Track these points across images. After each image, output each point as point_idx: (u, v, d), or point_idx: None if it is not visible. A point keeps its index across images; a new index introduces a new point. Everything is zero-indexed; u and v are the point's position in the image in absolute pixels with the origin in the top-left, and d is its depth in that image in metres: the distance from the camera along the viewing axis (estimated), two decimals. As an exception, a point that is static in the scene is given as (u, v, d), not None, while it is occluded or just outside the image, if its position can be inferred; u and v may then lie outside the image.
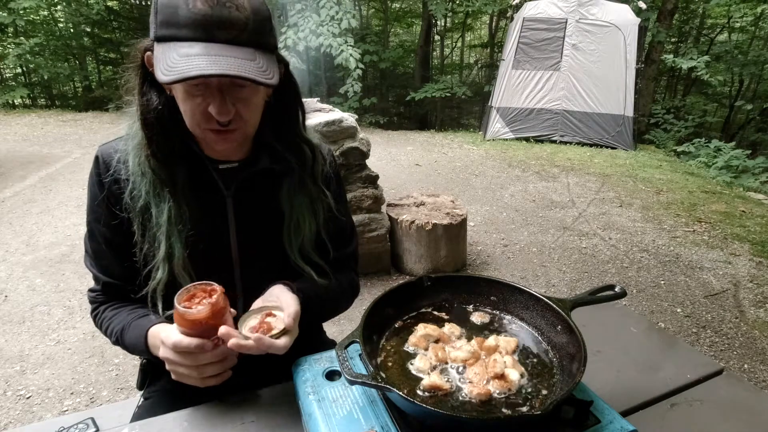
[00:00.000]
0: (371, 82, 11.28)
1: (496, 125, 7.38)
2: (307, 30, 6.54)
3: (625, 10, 6.66)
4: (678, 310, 2.88)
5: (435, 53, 12.43)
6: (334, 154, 1.07)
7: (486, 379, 0.71)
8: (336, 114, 2.86)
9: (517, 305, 0.87)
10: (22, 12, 8.81)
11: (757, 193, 5.33)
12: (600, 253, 3.60)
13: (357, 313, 0.98)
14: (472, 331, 0.83)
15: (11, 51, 9.30)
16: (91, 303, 0.96)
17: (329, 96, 8.75)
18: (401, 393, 0.60)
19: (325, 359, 0.81)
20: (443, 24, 12.20)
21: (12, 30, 9.72)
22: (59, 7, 10.18)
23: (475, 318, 0.87)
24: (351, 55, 6.64)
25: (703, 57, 8.43)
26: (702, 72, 8.21)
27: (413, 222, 3.00)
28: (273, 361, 0.86)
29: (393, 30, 12.62)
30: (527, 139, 7.25)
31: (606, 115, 6.86)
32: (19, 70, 10.36)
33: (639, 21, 6.60)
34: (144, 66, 0.80)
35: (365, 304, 0.81)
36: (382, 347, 0.79)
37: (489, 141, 7.36)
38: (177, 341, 0.73)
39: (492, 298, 0.90)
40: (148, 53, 0.78)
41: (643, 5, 7.38)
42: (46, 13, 10.11)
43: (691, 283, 3.17)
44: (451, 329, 0.82)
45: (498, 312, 0.89)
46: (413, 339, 0.79)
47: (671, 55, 8.87)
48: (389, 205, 3.26)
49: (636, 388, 0.85)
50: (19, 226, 3.91)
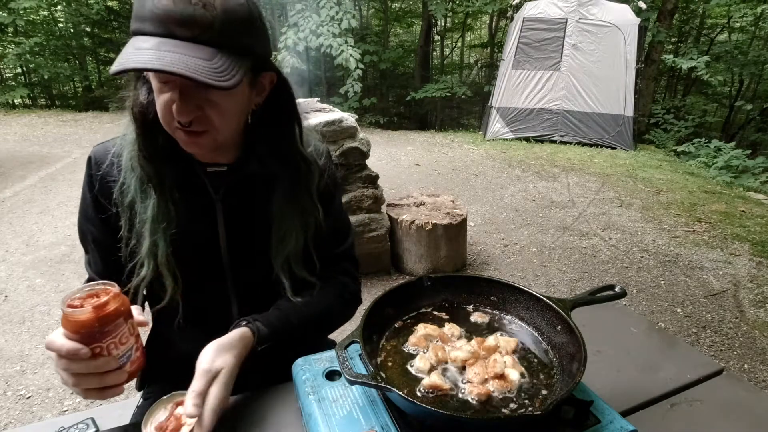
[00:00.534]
0: (371, 82, 11.28)
1: (496, 125, 7.38)
2: (308, 30, 6.55)
3: (625, 10, 6.66)
4: (678, 310, 2.88)
5: (435, 53, 12.43)
6: (332, 156, 1.04)
7: (486, 379, 0.71)
8: (336, 114, 2.86)
9: (517, 305, 0.87)
10: (22, 12, 8.81)
11: (757, 193, 5.32)
12: (600, 253, 3.60)
13: (357, 313, 0.98)
14: (472, 331, 0.83)
15: (11, 51, 9.30)
16: None
17: (329, 96, 8.75)
18: (401, 393, 0.60)
19: (325, 359, 0.81)
20: (443, 24, 12.20)
21: (12, 30, 9.72)
22: (59, 7, 10.18)
23: (475, 318, 0.87)
24: (351, 56, 6.64)
25: (703, 57, 8.43)
26: (702, 72, 8.21)
27: (413, 222, 3.00)
28: (273, 361, 0.87)
29: (393, 30, 12.62)
30: (527, 139, 7.25)
31: (606, 115, 6.86)
32: (19, 70, 10.36)
33: (639, 21, 6.60)
34: None
35: (365, 304, 0.81)
36: (382, 347, 0.79)
37: (489, 141, 7.36)
38: (50, 341, 0.63)
39: (492, 298, 0.90)
40: None
41: (643, 5, 7.38)
42: (46, 13, 10.11)
43: (691, 283, 3.17)
44: (451, 329, 0.82)
45: (498, 312, 0.89)
46: (413, 339, 0.79)
47: (671, 55, 8.87)
48: (389, 205, 3.26)
49: (636, 388, 0.85)
50: (19, 226, 3.91)
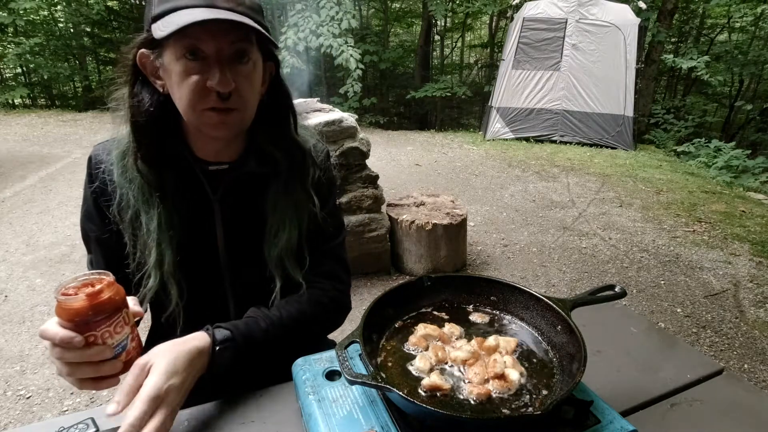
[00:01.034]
0: (371, 82, 11.28)
1: (496, 125, 7.37)
2: (308, 30, 6.54)
3: (625, 10, 6.66)
4: (678, 310, 2.88)
5: (435, 53, 12.43)
6: (330, 154, 1.04)
7: (486, 379, 0.71)
8: (336, 114, 2.86)
9: (517, 305, 0.87)
10: (22, 12, 8.81)
11: (757, 193, 5.32)
12: (600, 253, 3.60)
13: (357, 313, 0.98)
14: (472, 331, 0.83)
15: (11, 51, 9.29)
16: None
17: (329, 96, 8.75)
18: (401, 393, 0.60)
19: (325, 359, 0.81)
20: (443, 24, 12.20)
21: (12, 30, 9.72)
22: (59, 7, 10.18)
23: (475, 318, 0.87)
24: (351, 56, 6.63)
25: (703, 57, 8.43)
26: (702, 72, 8.20)
27: (413, 222, 3.00)
28: (273, 361, 0.87)
29: (393, 30, 12.61)
30: (527, 139, 7.25)
31: (606, 115, 6.86)
32: (19, 69, 10.35)
33: (639, 21, 6.60)
34: (135, 67, 0.79)
35: (365, 304, 0.81)
36: (382, 347, 0.79)
37: (489, 141, 7.36)
38: (44, 329, 0.62)
39: (492, 298, 0.90)
40: (141, 51, 0.78)
41: (643, 5, 7.38)
42: (46, 13, 10.10)
43: (691, 283, 3.17)
44: (451, 329, 0.82)
45: (498, 312, 0.89)
46: (413, 339, 0.79)
47: (671, 55, 8.86)
48: (389, 205, 3.26)
49: (636, 388, 0.85)
50: (19, 226, 3.91)
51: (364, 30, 10.83)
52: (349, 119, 2.87)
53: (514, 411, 0.67)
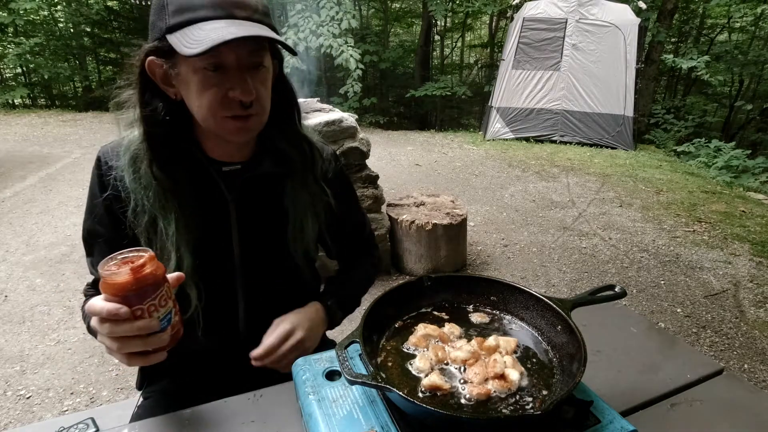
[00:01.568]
0: (371, 82, 11.28)
1: (496, 125, 7.37)
2: (308, 30, 6.54)
3: (625, 10, 6.65)
4: (678, 310, 2.88)
5: (435, 53, 12.43)
6: (337, 155, 1.06)
7: (486, 379, 0.71)
8: (336, 114, 2.86)
9: (517, 305, 0.87)
10: (22, 12, 8.81)
11: (757, 193, 5.32)
12: (600, 253, 3.60)
13: (357, 313, 0.98)
14: (472, 331, 0.83)
15: (11, 51, 9.30)
16: (84, 295, 0.95)
17: (329, 96, 8.74)
18: (401, 393, 0.60)
19: (325, 359, 0.81)
20: (443, 24, 12.20)
21: (12, 30, 9.72)
22: (59, 7, 10.18)
23: (475, 318, 0.87)
24: (351, 56, 6.63)
25: (703, 57, 8.42)
26: (702, 72, 8.20)
27: (413, 222, 3.00)
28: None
29: (393, 30, 12.61)
30: (527, 139, 7.25)
31: (606, 115, 6.86)
32: (19, 70, 10.35)
33: (639, 21, 6.60)
34: (144, 74, 0.78)
35: (365, 304, 0.81)
36: (382, 347, 0.79)
37: (489, 141, 7.36)
38: (91, 304, 0.64)
39: (492, 298, 0.90)
40: (150, 58, 0.76)
41: (643, 5, 7.38)
42: (46, 13, 10.11)
43: (691, 283, 3.17)
44: (451, 329, 0.81)
45: (498, 312, 0.89)
46: (413, 339, 0.79)
47: (671, 55, 8.87)
48: (389, 205, 3.26)
49: (636, 388, 0.85)
50: (19, 226, 3.91)
51: (364, 30, 10.82)
52: (349, 119, 2.87)
53: (514, 411, 0.67)
